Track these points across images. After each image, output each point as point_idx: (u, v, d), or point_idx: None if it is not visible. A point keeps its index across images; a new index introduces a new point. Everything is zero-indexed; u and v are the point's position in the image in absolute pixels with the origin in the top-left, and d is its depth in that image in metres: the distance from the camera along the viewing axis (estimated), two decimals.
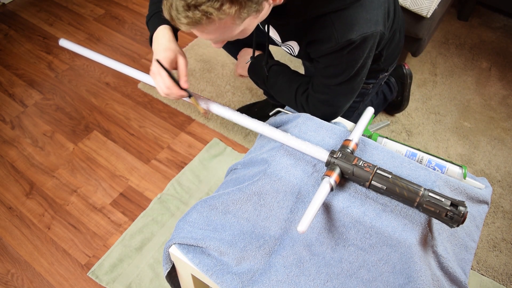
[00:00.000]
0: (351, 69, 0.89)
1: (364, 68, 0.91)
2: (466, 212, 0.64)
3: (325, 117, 0.96)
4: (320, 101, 0.96)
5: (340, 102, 0.96)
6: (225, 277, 0.75)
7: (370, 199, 0.72)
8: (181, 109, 1.68)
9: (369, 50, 0.88)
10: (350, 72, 0.89)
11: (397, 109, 1.66)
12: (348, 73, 0.90)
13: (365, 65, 0.91)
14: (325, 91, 0.95)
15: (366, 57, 0.89)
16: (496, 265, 1.27)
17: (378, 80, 1.26)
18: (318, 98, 0.96)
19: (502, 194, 1.44)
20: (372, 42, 0.87)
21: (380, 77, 1.25)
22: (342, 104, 0.97)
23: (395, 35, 1.11)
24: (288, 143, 0.80)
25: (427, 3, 1.45)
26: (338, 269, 0.73)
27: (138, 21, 2.11)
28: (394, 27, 1.06)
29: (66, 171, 1.49)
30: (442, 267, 0.72)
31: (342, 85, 0.92)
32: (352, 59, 0.87)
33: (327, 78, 0.93)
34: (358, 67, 0.89)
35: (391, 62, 1.23)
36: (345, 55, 0.86)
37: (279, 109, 1.01)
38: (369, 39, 0.85)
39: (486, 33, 2.05)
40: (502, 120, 1.68)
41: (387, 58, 1.17)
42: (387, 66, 1.22)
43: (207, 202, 0.83)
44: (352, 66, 0.88)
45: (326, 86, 0.94)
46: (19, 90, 1.76)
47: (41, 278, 1.24)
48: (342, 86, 0.93)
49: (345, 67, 0.89)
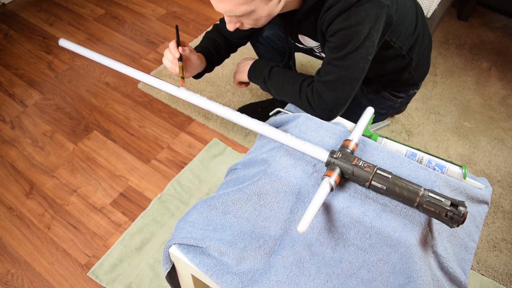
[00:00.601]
0: (358, 36, 0.90)
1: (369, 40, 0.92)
2: (466, 212, 0.64)
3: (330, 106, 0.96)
4: (325, 84, 0.96)
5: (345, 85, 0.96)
6: (225, 277, 0.75)
7: (370, 199, 0.72)
8: (181, 109, 1.68)
9: (376, 18, 0.89)
10: (357, 40, 0.90)
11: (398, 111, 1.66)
12: (355, 42, 0.90)
13: (371, 37, 0.92)
14: (331, 70, 0.95)
15: (372, 28, 0.90)
16: (496, 265, 1.27)
17: (408, 96, 1.30)
18: (323, 81, 0.96)
19: (502, 194, 1.44)
20: (379, 10, 0.89)
21: (410, 92, 1.29)
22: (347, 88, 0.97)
23: (423, 41, 1.16)
24: (288, 143, 0.80)
25: (427, 3, 1.45)
26: (338, 269, 0.73)
27: (138, 21, 2.11)
28: (417, 34, 1.11)
29: (66, 171, 1.49)
30: (442, 267, 0.72)
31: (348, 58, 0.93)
32: (359, 21, 0.88)
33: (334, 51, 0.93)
34: (364, 37, 0.90)
35: (422, 74, 1.27)
36: (353, 16, 0.88)
37: (279, 109, 1.01)
38: (375, 2, 0.88)
39: (486, 33, 2.05)
40: (502, 120, 1.68)
41: (418, 66, 1.20)
42: (418, 77, 1.25)
43: (207, 202, 0.83)
44: (359, 32, 0.89)
45: (332, 63, 0.95)
46: (19, 90, 1.76)
47: (41, 278, 1.24)
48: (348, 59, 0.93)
49: (352, 32, 0.90)
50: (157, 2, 2.23)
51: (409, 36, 1.09)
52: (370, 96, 1.29)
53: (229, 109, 0.91)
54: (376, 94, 1.29)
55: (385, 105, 1.31)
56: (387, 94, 1.29)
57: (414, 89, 1.30)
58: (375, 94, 1.29)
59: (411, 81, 1.24)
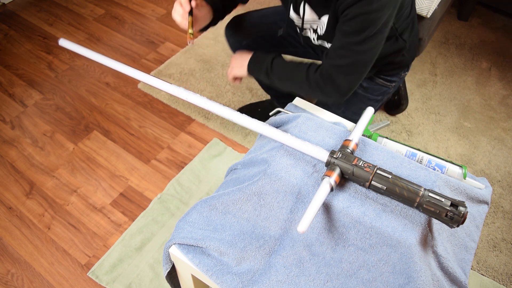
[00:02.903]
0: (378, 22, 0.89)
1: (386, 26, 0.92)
2: (466, 212, 0.64)
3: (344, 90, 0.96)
4: (339, 68, 0.95)
5: (359, 69, 0.95)
6: (225, 277, 0.75)
7: (370, 199, 0.72)
8: (181, 109, 1.68)
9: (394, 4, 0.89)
10: (376, 26, 0.89)
11: (397, 109, 1.66)
12: (374, 28, 0.90)
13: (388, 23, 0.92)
14: (345, 54, 0.94)
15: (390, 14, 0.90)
16: (496, 265, 1.27)
17: (400, 79, 1.30)
18: (337, 64, 0.95)
19: (502, 194, 1.44)
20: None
21: (402, 75, 1.29)
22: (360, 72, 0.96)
23: (414, 24, 1.17)
24: (288, 143, 0.80)
25: (427, 3, 1.45)
26: (338, 269, 0.73)
27: (138, 21, 2.11)
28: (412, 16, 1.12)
29: (66, 171, 1.49)
30: (442, 267, 0.72)
31: (365, 43, 0.92)
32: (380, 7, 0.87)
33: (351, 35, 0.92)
34: (383, 23, 0.90)
35: (413, 56, 1.27)
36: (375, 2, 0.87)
37: (279, 109, 1.01)
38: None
39: (486, 33, 2.05)
40: (502, 120, 1.68)
41: (410, 48, 1.21)
42: (410, 59, 1.25)
43: (207, 202, 0.83)
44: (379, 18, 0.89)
45: (346, 47, 0.94)
46: (19, 90, 1.76)
47: (41, 278, 1.24)
48: (365, 44, 0.92)
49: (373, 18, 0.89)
50: (157, 2, 2.23)
51: (405, 19, 1.09)
52: (365, 84, 1.28)
53: (229, 109, 0.91)
54: (371, 81, 1.28)
55: (380, 91, 1.31)
56: (381, 81, 1.28)
57: (405, 71, 1.30)
58: (370, 81, 1.28)
59: (403, 63, 1.24)
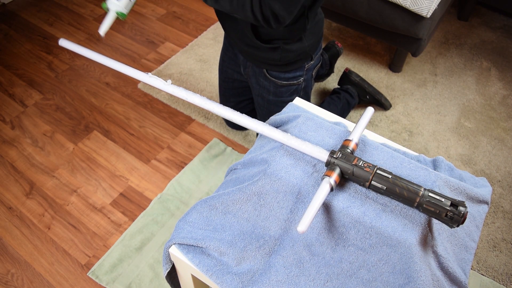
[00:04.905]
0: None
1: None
2: (466, 212, 0.64)
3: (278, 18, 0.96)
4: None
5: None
6: (225, 277, 0.75)
7: (370, 199, 0.72)
8: (181, 109, 1.68)
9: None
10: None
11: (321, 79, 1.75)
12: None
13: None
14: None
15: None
16: (496, 265, 1.27)
17: (307, 71, 1.28)
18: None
19: (502, 194, 1.44)
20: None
21: (306, 66, 1.26)
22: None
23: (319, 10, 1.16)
24: (288, 143, 0.80)
25: (427, 3, 1.45)
26: (338, 269, 0.73)
27: (138, 21, 2.11)
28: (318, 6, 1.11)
29: (66, 171, 1.49)
30: (442, 267, 0.72)
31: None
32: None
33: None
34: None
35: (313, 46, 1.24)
36: None
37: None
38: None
39: (486, 33, 2.06)
40: (502, 120, 1.68)
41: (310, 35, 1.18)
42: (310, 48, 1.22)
43: (207, 202, 0.83)
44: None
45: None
46: (19, 90, 1.76)
47: (41, 278, 1.24)
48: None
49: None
50: (157, 2, 2.23)
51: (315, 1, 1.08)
52: (272, 90, 1.29)
53: (229, 109, 0.91)
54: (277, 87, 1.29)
55: (290, 91, 1.31)
56: (285, 82, 1.28)
57: (309, 62, 1.27)
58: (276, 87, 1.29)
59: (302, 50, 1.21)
